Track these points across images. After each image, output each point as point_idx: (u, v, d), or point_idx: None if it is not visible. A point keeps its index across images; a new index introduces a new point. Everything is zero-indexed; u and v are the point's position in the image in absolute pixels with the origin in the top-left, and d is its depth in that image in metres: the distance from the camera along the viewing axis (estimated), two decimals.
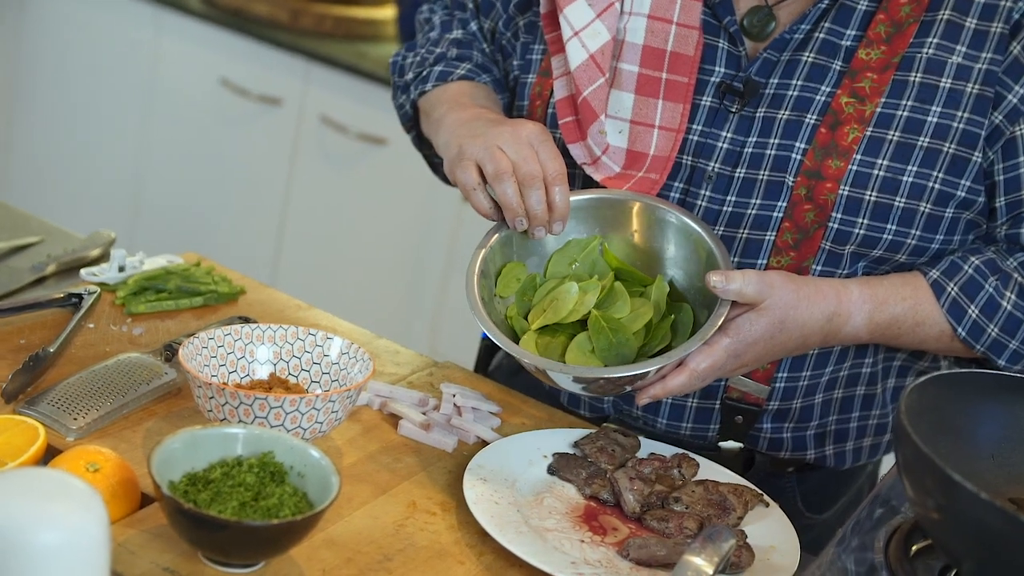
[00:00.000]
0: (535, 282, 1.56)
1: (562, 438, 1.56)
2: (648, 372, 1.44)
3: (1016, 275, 1.57)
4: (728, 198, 1.58)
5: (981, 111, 1.53)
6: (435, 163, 1.84)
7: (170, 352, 1.55)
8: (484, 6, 1.79)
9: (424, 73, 1.75)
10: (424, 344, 3.43)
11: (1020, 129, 1.54)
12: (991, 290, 1.56)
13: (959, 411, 1.28)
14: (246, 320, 1.67)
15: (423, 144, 1.83)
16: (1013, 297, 1.56)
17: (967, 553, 1.16)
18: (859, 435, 1.71)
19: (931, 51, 1.53)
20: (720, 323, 1.47)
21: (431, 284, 3.43)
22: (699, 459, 1.56)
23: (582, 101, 1.59)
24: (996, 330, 1.56)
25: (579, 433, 1.57)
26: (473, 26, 1.81)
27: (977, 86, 1.53)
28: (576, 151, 1.61)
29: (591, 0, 1.59)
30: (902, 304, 1.55)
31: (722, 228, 1.59)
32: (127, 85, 3.81)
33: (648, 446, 1.58)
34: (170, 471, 1.25)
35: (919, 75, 1.53)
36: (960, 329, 1.56)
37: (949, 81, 1.53)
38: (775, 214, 1.56)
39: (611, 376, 1.44)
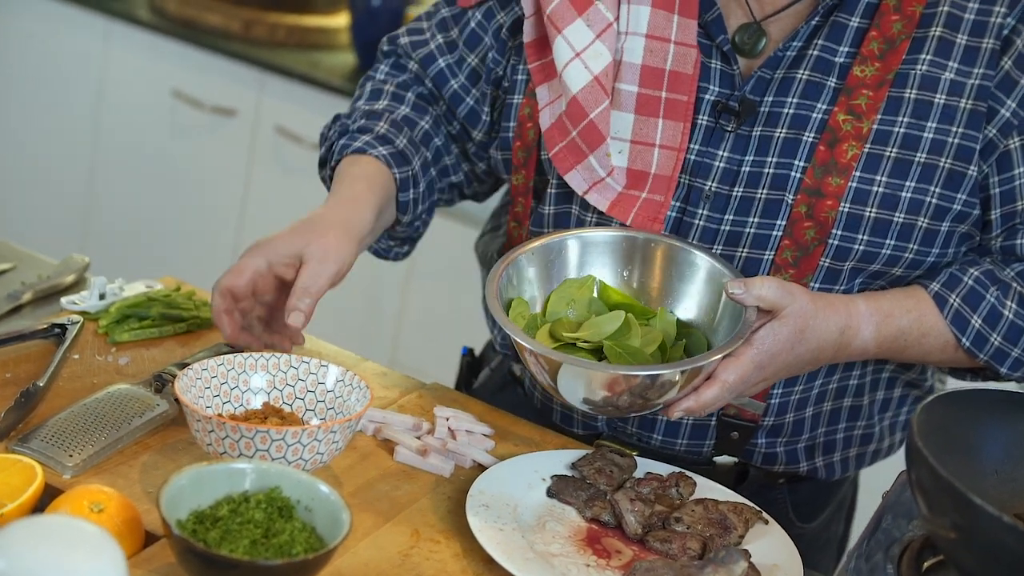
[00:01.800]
0: (536, 322, 1.55)
1: (559, 460, 1.56)
2: (685, 371, 1.43)
3: (1015, 284, 1.59)
4: (726, 217, 1.58)
5: (975, 126, 1.54)
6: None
7: (160, 383, 1.53)
8: (471, 40, 1.73)
9: (334, 148, 1.73)
10: (386, 354, 3.41)
11: (1014, 142, 1.55)
12: (993, 300, 1.57)
13: (966, 428, 1.30)
14: (231, 348, 1.65)
15: None
16: (1014, 306, 1.58)
17: (984, 572, 1.17)
18: (846, 446, 1.73)
19: (925, 68, 1.54)
20: (748, 333, 1.47)
21: (391, 293, 3.42)
22: (696, 477, 1.56)
23: (587, 124, 1.58)
24: (999, 339, 1.58)
25: (575, 454, 1.57)
26: (441, 62, 1.74)
27: (971, 101, 1.54)
28: (574, 179, 1.60)
29: (589, 21, 1.58)
30: (907, 316, 1.57)
31: (720, 247, 1.59)
32: (77, 99, 3.76)
33: (643, 464, 1.58)
34: (177, 509, 1.23)
35: (914, 91, 1.54)
36: (964, 339, 1.58)
37: (943, 97, 1.54)
38: (774, 232, 1.57)
39: (652, 373, 1.42)
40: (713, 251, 1.58)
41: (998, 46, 1.54)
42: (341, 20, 3.64)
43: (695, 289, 1.57)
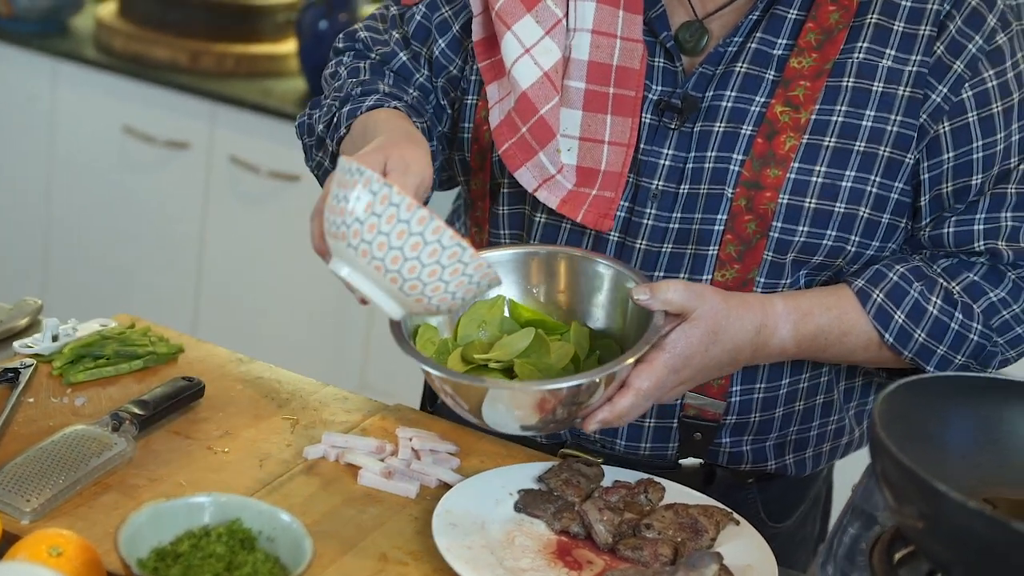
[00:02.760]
0: (448, 347, 1.51)
1: (525, 473, 1.54)
2: (589, 383, 1.39)
3: (941, 280, 1.57)
4: (674, 215, 1.58)
5: (913, 113, 1.54)
6: None
7: (117, 421, 1.51)
8: (418, 33, 1.71)
9: (335, 120, 1.67)
10: (355, 379, 3.40)
11: (943, 127, 1.55)
12: (916, 295, 1.55)
13: (928, 415, 1.29)
14: (189, 380, 1.63)
15: None
16: (939, 302, 1.56)
17: (955, 559, 1.16)
18: (819, 442, 1.71)
19: (862, 56, 1.54)
20: (657, 338, 1.44)
21: (357, 316, 3.40)
22: (664, 482, 1.54)
23: (537, 120, 1.56)
24: (923, 335, 1.56)
25: (541, 467, 1.55)
26: (402, 56, 1.72)
27: (908, 89, 1.53)
28: (523, 176, 1.59)
29: (538, 17, 1.57)
30: (827, 314, 1.55)
31: (670, 245, 1.58)
32: (27, 141, 3.73)
33: (610, 473, 1.57)
34: (137, 548, 1.21)
35: (851, 80, 1.54)
36: (887, 335, 1.56)
37: (881, 85, 1.53)
38: (716, 227, 1.56)
39: (554, 388, 1.38)
40: (617, 258, 1.56)
41: (934, 32, 1.54)
42: (289, 46, 3.62)
43: (603, 299, 1.54)
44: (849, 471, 1.87)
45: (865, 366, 1.66)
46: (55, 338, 1.69)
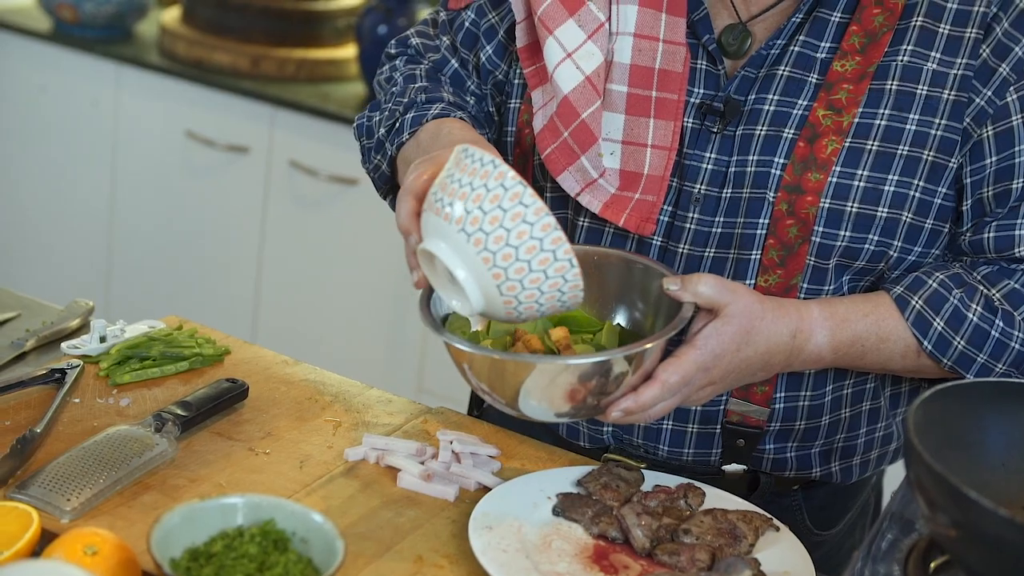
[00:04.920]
0: (478, 338, 1.50)
1: (564, 477, 1.54)
2: (612, 360, 1.37)
3: (981, 287, 1.54)
4: (716, 219, 1.57)
5: (958, 117, 1.52)
6: None
7: (160, 422, 1.52)
8: (466, 40, 1.73)
9: (397, 125, 1.68)
10: (412, 384, 3.41)
11: (987, 131, 1.52)
12: (956, 302, 1.53)
13: (965, 422, 1.27)
14: (233, 382, 1.65)
15: None
16: (979, 309, 1.53)
17: (988, 569, 1.14)
18: (866, 449, 1.69)
19: (906, 58, 1.52)
20: (685, 326, 1.42)
21: (414, 321, 3.41)
22: (704, 487, 1.53)
23: (579, 124, 1.56)
24: (963, 343, 1.53)
25: (581, 471, 1.55)
26: (454, 63, 1.74)
27: (953, 92, 1.51)
28: (566, 181, 1.58)
29: (580, 21, 1.56)
30: (864, 320, 1.52)
31: (713, 250, 1.57)
32: (92, 145, 3.78)
33: (651, 478, 1.56)
34: (170, 548, 1.23)
35: (895, 83, 1.52)
36: (926, 342, 1.53)
37: (925, 88, 1.52)
38: (758, 231, 1.55)
39: (576, 363, 1.37)
40: (656, 260, 1.54)
41: (980, 35, 1.51)
42: (349, 51, 3.64)
43: (637, 298, 1.52)
44: (899, 479, 1.85)
45: (904, 375, 1.63)
46: (103, 339, 1.71)
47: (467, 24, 1.72)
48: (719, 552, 1.42)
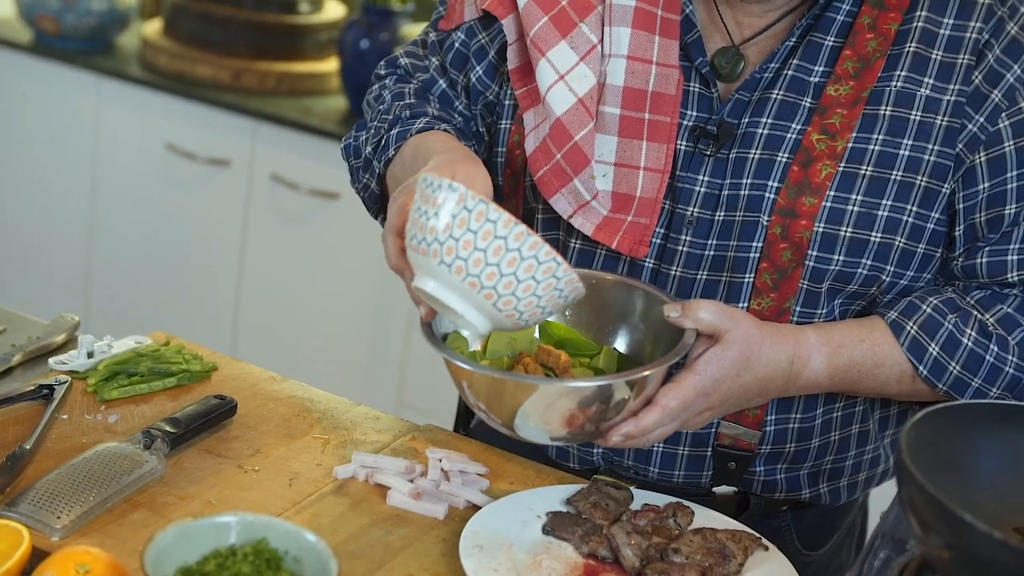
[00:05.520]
0: (476, 359, 1.50)
1: (554, 496, 1.54)
2: (614, 385, 1.38)
3: (975, 312, 1.55)
4: (709, 242, 1.57)
5: (950, 143, 1.52)
6: None
7: (149, 439, 1.52)
8: (455, 61, 1.73)
9: (383, 141, 1.68)
10: (392, 397, 3.40)
11: (979, 157, 1.53)
12: (951, 327, 1.54)
13: (957, 443, 1.27)
14: (222, 398, 1.64)
15: None
16: (973, 334, 1.54)
17: None
18: (854, 471, 1.70)
19: (900, 84, 1.53)
20: (684, 352, 1.43)
21: (395, 335, 3.41)
22: (693, 506, 1.54)
23: (572, 147, 1.56)
24: (958, 367, 1.54)
25: (570, 489, 1.55)
26: (442, 83, 1.74)
27: (946, 118, 1.52)
28: (559, 203, 1.58)
29: (573, 43, 1.57)
30: (860, 346, 1.53)
31: (705, 273, 1.58)
32: (73, 157, 3.77)
33: (640, 496, 1.56)
34: (163, 567, 1.22)
35: (889, 108, 1.53)
36: (921, 367, 1.54)
37: (919, 114, 1.52)
38: (752, 255, 1.55)
39: (578, 386, 1.37)
40: (651, 284, 1.55)
41: (973, 61, 1.52)
42: (331, 65, 3.64)
43: (636, 323, 1.53)
44: (885, 500, 1.86)
45: (898, 399, 1.64)
46: (90, 355, 1.71)
47: (457, 45, 1.72)
48: (708, 571, 1.43)
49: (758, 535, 1.49)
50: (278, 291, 3.56)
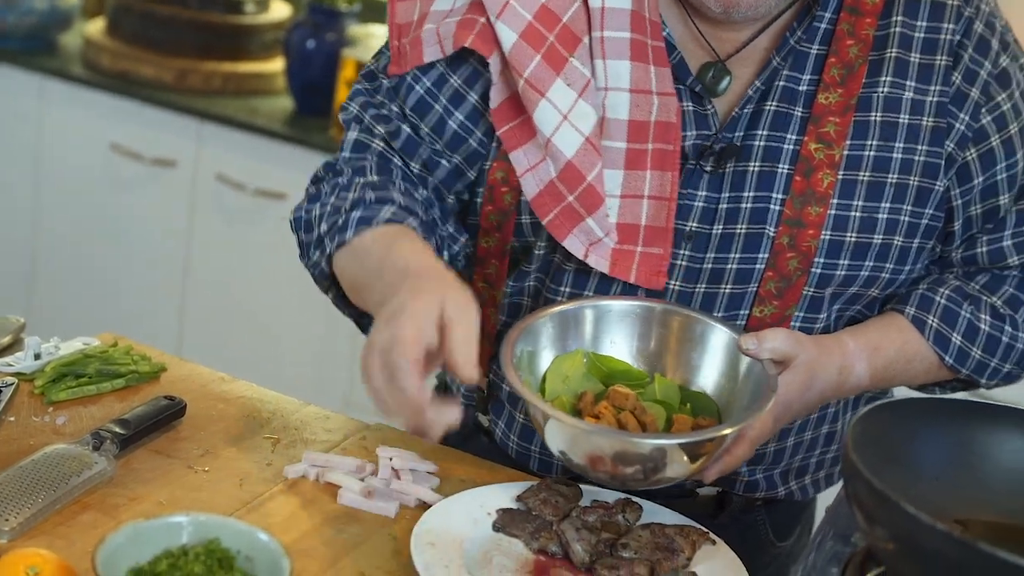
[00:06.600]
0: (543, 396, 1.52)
1: (504, 493, 1.55)
2: (724, 436, 1.45)
3: (984, 297, 1.64)
4: (707, 255, 1.58)
5: (938, 142, 1.57)
6: (364, 324, 1.67)
7: (98, 440, 1.52)
8: (419, 107, 1.62)
9: (340, 222, 1.56)
10: (340, 397, 3.40)
11: (971, 154, 1.59)
12: (968, 315, 1.62)
13: (902, 437, 1.30)
14: (171, 399, 1.64)
15: (347, 304, 1.65)
16: (988, 318, 1.63)
17: None
18: (817, 468, 1.75)
19: (886, 89, 1.57)
20: (777, 387, 1.48)
21: (343, 336, 3.41)
22: (642, 502, 1.55)
23: (586, 188, 1.54)
24: (979, 352, 1.63)
25: (520, 486, 1.56)
26: (405, 129, 1.62)
27: (931, 119, 1.57)
28: (572, 244, 1.56)
29: (568, 80, 1.54)
30: (892, 346, 1.60)
31: (703, 285, 1.59)
32: (15, 158, 3.74)
33: (589, 493, 1.58)
34: (115, 568, 1.22)
35: (879, 114, 1.57)
36: (948, 357, 1.62)
37: (907, 117, 1.57)
38: (757, 266, 1.58)
39: (691, 440, 1.44)
40: (730, 321, 1.58)
41: (950, 62, 1.57)
42: (276, 65, 3.63)
43: (711, 358, 1.56)
44: (830, 492, 1.90)
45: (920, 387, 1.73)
46: (37, 356, 1.70)
47: (420, 91, 1.61)
48: (657, 566, 1.44)
49: (706, 530, 1.51)
50: (225, 291, 3.55)
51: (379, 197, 1.57)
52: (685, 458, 1.44)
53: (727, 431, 1.45)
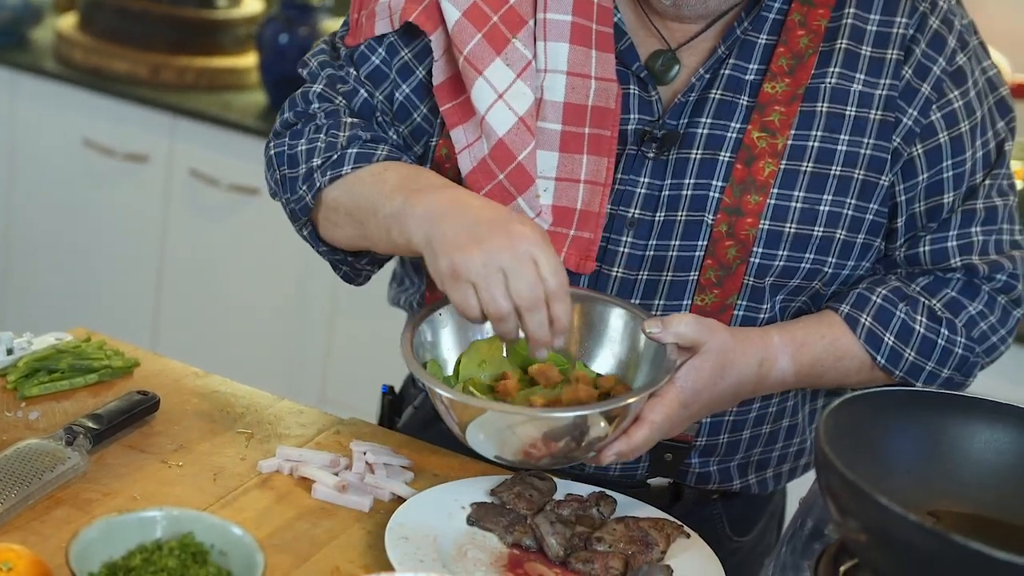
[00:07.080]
0: (449, 384, 1.52)
1: (478, 487, 1.55)
2: (607, 412, 1.43)
3: (922, 299, 1.61)
4: (650, 242, 1.58)
5: (885, 136, 1.56)
6: (339, 263, 1.68)
7: (71, 435, 1.51)
8: (374, 76, 1.64)
9: (335, 157, 1.57)
10: (315, 393, 3.40)
11: (917, 150, 1.58)
12: (903, 316, 1.59)
13: (874, 429, 1.31)
14: (144, 394, 1.64)
15: (320, 241, 1.65)
16: (924, 320, 1.60)
17: (898, 572, 1.17)
18: (779, 462, 1.74)
19: (834, 80, 1.56)
20: (674, 371, 1.47)
21: (317, 330, 3.40)
22: (616, 495, 1.56)
23: (516, 167, 1.55)
24: (913, 353, 1.60)
25: (494, 480, 1.56)
26: (363, 94, 1.64)
27: (879, 112, 1.56)
28: None
29: (508, 60, 1.55)
30: (821, 342, 1.58)
31: (646, 273, 1.59)
32: None
33: (563, 486, 1.58)
34: (88, 562, 1.22)
35: (825, 105, 1.56)
36: (879, 357, 1.59)
37: (853, 109, 1.56)
38: (696, 253, 1.57)
39: (581, 414, 1.43)
40: (630, 302, 1.58)
41: (901, 56, 1.56)
42: (249, 60, 3.62)
43: (613, 339, 1.56)
44: (804, 485, 1.90)
45: (856, 388, 1.68)
46: (10, 351, 1.69)
47: (377, 61, 1.64)
48: (631, 559, 1.45)
49: (680, 523, 1.51)
50: (198, 287, 3.54)
51: (373, 136, 1.61)
52: (571, 433, 1.43)
53: (608, 407, 1.43)
